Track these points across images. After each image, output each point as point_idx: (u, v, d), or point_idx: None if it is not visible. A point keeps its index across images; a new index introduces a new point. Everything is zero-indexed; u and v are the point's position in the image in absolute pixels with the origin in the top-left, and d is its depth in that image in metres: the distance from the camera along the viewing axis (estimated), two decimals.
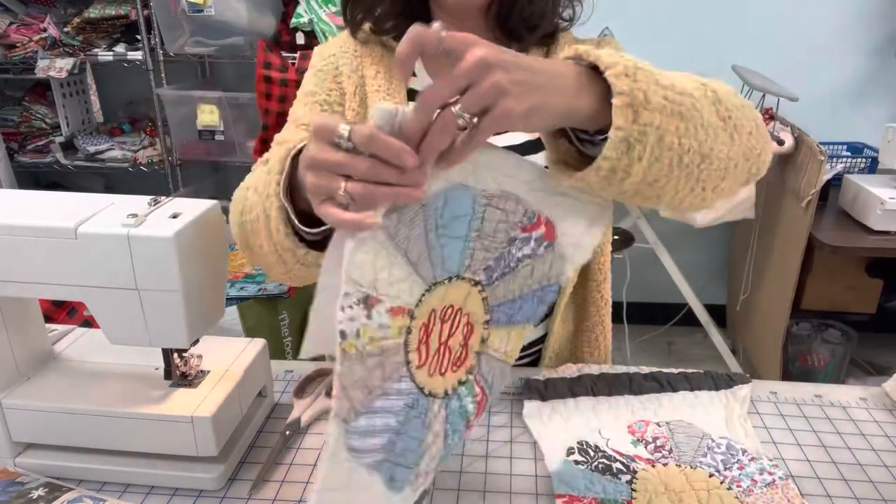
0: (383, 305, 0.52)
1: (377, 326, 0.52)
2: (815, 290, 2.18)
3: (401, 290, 0.53)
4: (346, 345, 0.51)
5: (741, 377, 0.82)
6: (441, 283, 0.55)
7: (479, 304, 0.59)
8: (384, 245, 0.51)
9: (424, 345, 0.56)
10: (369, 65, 0.84)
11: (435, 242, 0.54)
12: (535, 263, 0.59)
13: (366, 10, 0.83)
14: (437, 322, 0.56)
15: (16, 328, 0.70)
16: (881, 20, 2.29)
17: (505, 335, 0.62)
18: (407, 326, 0.54)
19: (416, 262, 0.53)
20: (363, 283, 0.51)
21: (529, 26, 0.83)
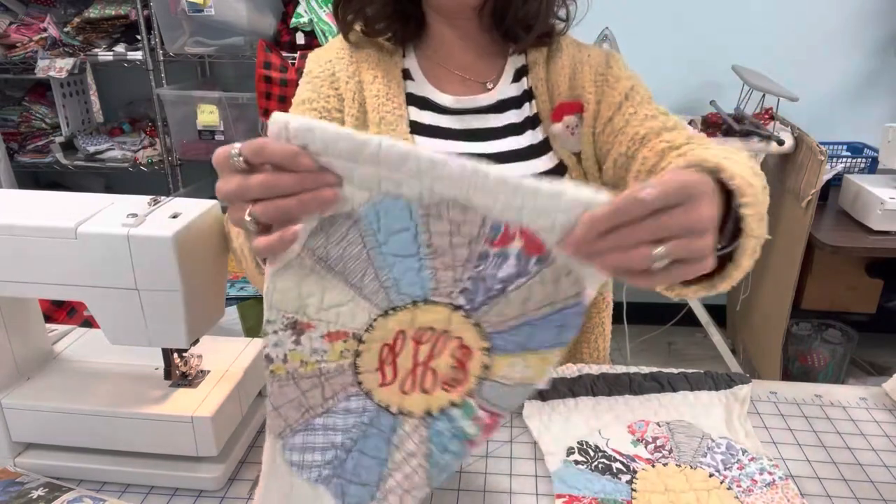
0: (316, 331, 0.51)
1: (309, 351, 0.52)
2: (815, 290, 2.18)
3: (339, 315, 0.51)
4: (274, 367, 0.52)
5: (741, 377, 0.82)
6: (403, 307, 0.52)
7: (470, 330, 0.54)
8: (312, 269, 0.49)
9: (391, 365, 0.54)
10: (366, 69, 0.84)
11: (380, 262, 0.50)
12: (531, 285, 0.51)
13: (356, 11, 0.82)
14: (408, 343, 0.54)
15: (16, 328, 0.70)
16: (881, 20, 2.29)
17: (518, 362, 0.55)
18: (354, 350, 0.53)
19: (360, 285, 0.51)
20: (288, 309, 0.50)
21: (525, 26, 0.82)
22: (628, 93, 0.81)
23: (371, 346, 0.53)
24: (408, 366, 0.55)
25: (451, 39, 0.85)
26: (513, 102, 0.84)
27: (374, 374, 0.54)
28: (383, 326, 0.52)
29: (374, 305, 0.52)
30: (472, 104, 0.84)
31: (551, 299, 0.51)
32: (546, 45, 0.85)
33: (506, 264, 0.50)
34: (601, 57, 0.84)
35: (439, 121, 0.84)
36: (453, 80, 0.85)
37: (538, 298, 0.52)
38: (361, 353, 0.53)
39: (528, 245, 0.49)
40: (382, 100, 0.82)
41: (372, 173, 0.47)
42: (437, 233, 0.49)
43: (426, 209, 0.48)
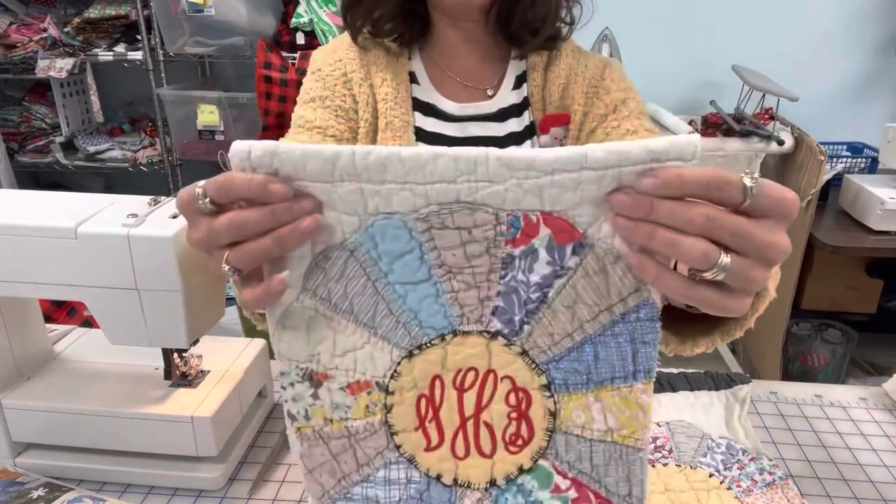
0: (335, 382, 0.45)
1: (331, 406, 0.45)
2: (815, 290, 2.18)
3: (357, 361, 0.44)
4: (299, 425, 0.46)
5: (741, 377, 0.82)
6: (430, 344, 0.44)
7: (518, 363, 0.44)
8: (317, 311, 0.43)
9: (433, 422, 0.46)
10: (375, 72, 0.83)
11: (390, 294, 0.43)
12: (575, 283, 0.42)
13: (365, 14, 0.82)
14: (450, 391, 0.45)
15: (16, 328, 0.70)
16: (881, 20, 2.29)
17: (593, 404, 0.45)
18: (382, 403, 0.45)
19: (373, 324, 0.44)
20: (299, 358, 0.44)
21: (531, 30, 0.81)
22: (617, 105, 0.80)
23: (403, 397, 0.45)
24: (455, 421, 0.46)
25: (455, 42, 0.84)
26: (514, 110, 0.84)
27: (416, 435, 0.46)
28: (410, 371, 0.45)
29: (394, 346, 0.44)
30: (475, 111, 0.84)
31: (607, 301, 0.42)
32: (550, 48, 0.84)
33: (537, 264, 0.42)
34: (598, 68, 0.83)
35: (442, 128, 0.83)
36: (455, 86, 0.85)
37: (591, 301, 0.42)
38: (392, 407, 0.45)
39: (557, 231, 0.41)
40: (391, 104, 0.81)
41: (353, 190, 0.40)
42: (446, 247, 0.42)
43: (427, 222, 0.41)
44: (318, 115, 0.80)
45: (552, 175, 0.39)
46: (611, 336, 0.43)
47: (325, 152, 0.39)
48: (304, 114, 0.81)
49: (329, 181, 0.40)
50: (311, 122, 0.79)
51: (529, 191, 0.39)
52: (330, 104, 0.81)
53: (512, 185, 0.39)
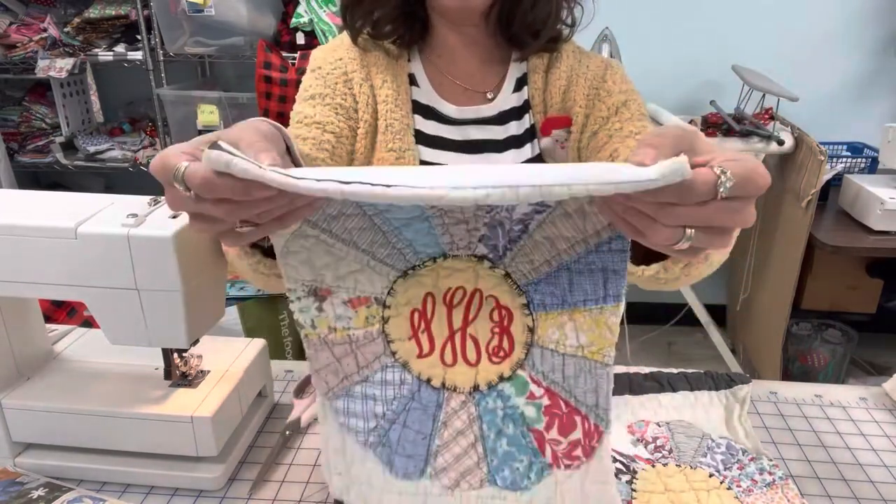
0: (337, 297, 0.50)
1: (334, 317, 0.50)
2: (815, 290, 2.18)
3: (357, 281, 0.50)
4: (306, 332, 0.51)
5: (741, 377, 0.82)
6: (423, 265, 0.50)
7: (502, 285, 0.49)
8: (319, 242, 0.48)
9: (425, 333, 0.51)
10: (376, 73, 0.82)
11: (388, 227, 0.48)
12: (554, 219, 0.46)
13: (365, 15, 0.81)
14: (440, 307, 0.50)
15: (16, 328, 0.70)
16: (881, 20, 2.29)
17: (566, 322, 0.49)
18: (380, 315, 0.51)
19: (371, 250, 0.49)
20: (306, 278, 0.49)
21: (532, 32, 0.81)
22: (619, 107, 0.80)
23: (399, 311, 0.50)
24: (444, 333, 0.51)
25: (455, 45, 0.84)
26: (514, 113, 0.84)
27: (410, 344, 0.51)
28: (405, 289, 0.50)
29: (390, 268, 0.49)
30: (475, 115, 0.83)
31: (583, 234, 0.46)
32: (550, 50, 0.84)
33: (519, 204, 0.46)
34: (599, 70, 0.83)
35: (442, 131, 0.83)
36: (455, 89, 0.84)
37: (567, 235, 0.46)
38: (389, 319, 0.51)
39: None
40: (391, 106, 0.81)
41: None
42: None
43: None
44: (318, 112, 0.80)
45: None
46: (584, 264, 0.47)
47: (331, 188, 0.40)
48: (304, 110, 0.80)
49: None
50: (310, 118, 0.79)
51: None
52: (330, 102, 0.81)
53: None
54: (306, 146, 0.75)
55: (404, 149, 0.79)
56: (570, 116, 0.81)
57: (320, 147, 0.76)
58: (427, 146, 0.82)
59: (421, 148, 0.81)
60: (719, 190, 0.38)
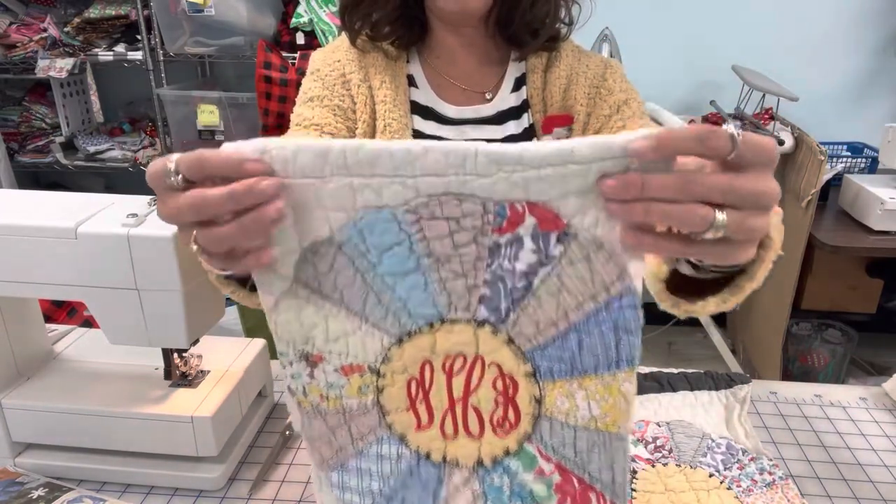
0: (329, 363, 0.46)
1: (326, 385, 0.47)
2: (815, 290, 2.18)
3: (349, 346, 0.46)
4: (298, 399, 0.48)
5: (741, 377, 0.82)
6: (419, 331, 0.45)
7: (504, 350, 0.45)
8: (308, 300, 0.44)
9: (423, 403, 0.47)
10: (374, 74, 0.83)
11: (379, 285, 0.44)
12: (560, 272, 0.43)
13: (364, 17, 0.82)
14: (439, 375, 0.47)
15: (16, 328, 0.70)
16: (881, 20, 2.29)
17: (577, 391, 0.46)
18: (374, 385, 0.47)
19: (363, 313, 0.45)
20: (296, 340, 0.46)
21: (531, 31, 0.81)
22: (620, 106, 0.80)
23: (394, 380, 0.47)
24: (444, 403, 0.47)
25: (453, 46, 0.84)
26: (512, 113, 0.84)
27: (407, 416, 0.47)
28: (401, 357, 0.46)
29: (384, 333, 0.45)
30: (473, 115, 0.84)
31: (591, 290, 0.43)
32: (549, 49, 0.84)
33: (522, 251, 0.42)
34: (599, 68, 0.83)
35: (441, 131, 0.83)
36: (454, 90, 0.85)
37: (574, 289, 0.43)
38: (384, 388, 0.47)
39: (542, 220, 0.41)
40: (389, 106, 0.81)
41: (343, 185, 0.40)
42: (435, 237, 0.42)
43: (416, 213, 0.41)
44: (317, 114, 0.80)
45: (539, 170, 0.39)
46: (594, 324, 0.44)
47: (316, 146, 0.39)
48: (303, 112, 0.81)
49: (319, 176, 0.40)
50: (309, 120, 0.79)
51: (516, 184, 0.40)
52: (328, 103, 0.81)
53: (500, 178, 0.40)
54: None
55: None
56: (571, 115, 0.82)
57: None
58: None
59: None
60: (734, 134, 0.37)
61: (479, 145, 0.40)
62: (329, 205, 0.41)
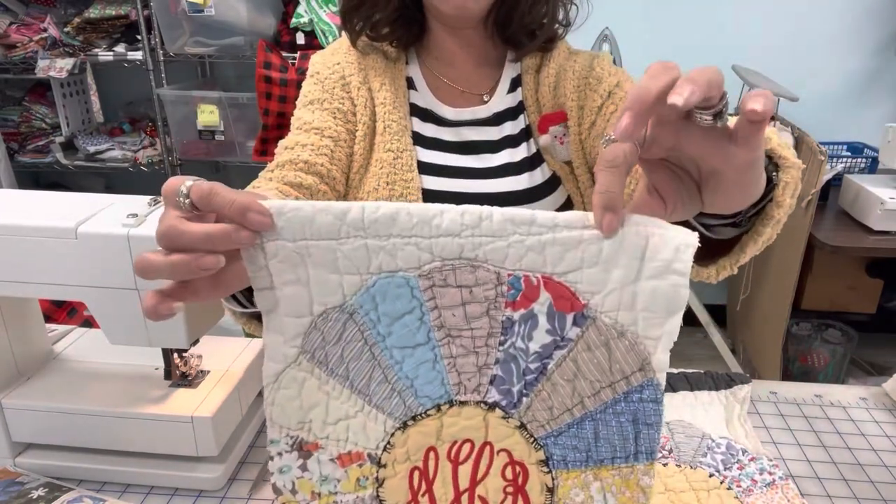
0: (325, 452, 0.43)
1: (319, 479, 0.43)
2: (815, 290, 2.18)
3: (350, 430, 0.43)
4: (285, 499, 0.44)
5: (741, 377, 0.82)
6: (426, 415, 0.43)
7: (515, 437, 0.43)
8: (312, 373, 0.42)
9: (427, 495, 0.45)
10: (374, 76, 0.83)
11: (387, 360, 0.42)
12: (576, 356, 0.41)
13: (364, 18, 0.82)
14: (444, 464, 0.44)
15: (16, 328, 0.70)
16: (881, 20, 2.29)
17: (592, 483, 0.43)
18: (374, 476, 0.44)
19: (367, 392, 0.43)
20: (291, 425, 0.43)
21: (529, 33, 0.82)
22: (611, 90, 0.79)
23: (396, 470, 0.44)
24: (449, 495, 0.44)
25: (452, 47, 0.84)
26: (509, 114, 0.84)
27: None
28: (404, 443, 0.43)
29: (388, 416, 0.43)
30: (471, 116, 0.84)
31: (609, 378, 0.41)
32: (545, 50, 0.84)
33: (536, 331, 0.41)
34: (587, 61, 0.83)
35: (440, 133, 0.83)
36: (452, 92, 0.85)
37: (591, 377, 0.41)
38: (384, 480, 0.44)
39: (557, 298, 0.40)
40: (389, 108, 0.81)
41: (358, 247, 0.40)
42: (447, 307, 0.41)
43: (430, 279, 0.41)
44: (317, 117, 0.80)
45: (553, 232, 0.39)
46: (612, 414, 0.42)
47: (335, 207, 0.39)
48: (303, 116, 0.81)
49: (335, 238, 0.40)
50: (309, 124, 0.80)
51: (531, 248, 0.39)
52: (328, 106, 0.81)
53: (514, 241, 0.39)
54: (305, 152, 0.76)
55: (402, 149, 0.80)
56: (564, 111, 0.82)
57: (319, 152, 0.77)
58: (425, 147, 0.82)
59: (418, 149, 0.82)
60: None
61: (495, 208, 0.40)
62: (343, 268, 0.40)
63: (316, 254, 0.40)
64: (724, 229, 0.55)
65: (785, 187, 0.50)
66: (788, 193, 0.51)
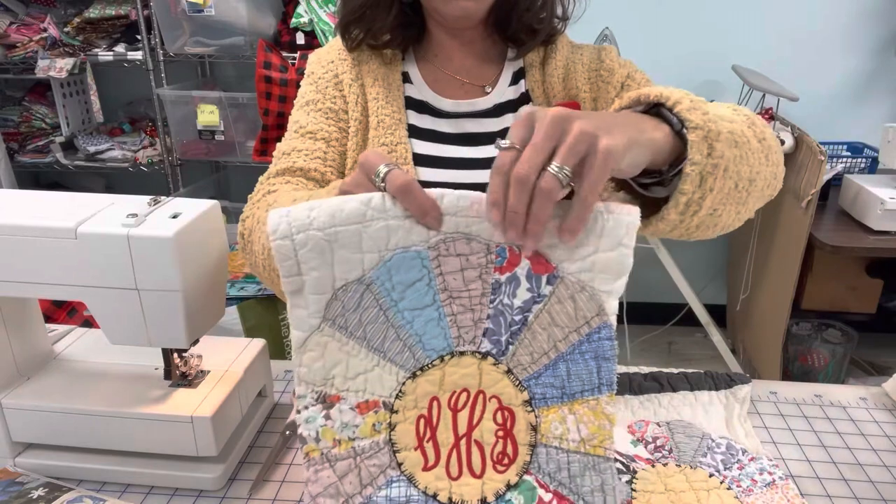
0: (346, 402, 0.49)
1: (340, 426, 0.49)
2: (815, 290, 2.18)
3: (367, 382, 0.50)
4: (308, 448, 0.49)
5: (741, 377, 0.82)
6: (431, 365, 0.50)
7: (504, 382, 0.51)
8: (333, 337, 0.49)
9: (430, 441, 0.50)
10: (367, 72, 0.84)
11: (399, 320, 0.50)
12: (550, 308, 0.50)
13: (365, 29, 0.83)
14: (445, 412, 0.50)
15: (16, 328, 0.70)
16: (881, 20, 2.29)
17: (567, 416, 0.51)
18: (387, 422, 0.50)
19: (383, 349, 0.50)
20: (316, 381, 0.49)
21: (529, 29, 0.82)
22: (624, 82, 0.82)
23: (406, 416, 0.50)
24: (450, 440, 0.50)
25: (451, 47, 0.85)
26: (510, 106, 0.84)
27: (416, 455, 0.50)
28: (413, 391, 0.50)
29: (400, 367, 0.50)
30: (470, 108, 0.84)
31: (575, 324, 0.50)
32: (547, 44, 0.85)
33: (519, 289, 0.50)
34: (593, 53, 0.84)
35: (437, 125, 0.84)
36: (452, 84, 0.85)
37: (562, 324, 0.50)
38: (396, 425, 0.50)
39: (534, 264, 0.49)
40: (381, 103, 0.82)
41: (381, 227, 0.48)
42: (449, 273, 0.49)
43: (436, 249, 0.49)
44: (311, 120, 0.82)
45: None
46: (579, 354, 0.51)
47: (360, 196, 0.48)
48: (299, 118, 0.83)
49: (361, 222, 0.48)
50: (304, 128, 0.82)
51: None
52: (321, 107, 0.83)
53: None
54: (300, 159, 0.78)
55: (396, 142, 0.81)
56: (578, 102, 0.83)
57: (312, 156, 0.79)
58: (421, 139, 0.83)
59: (414, 141, 0.82)
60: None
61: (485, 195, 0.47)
62: (366, 247, 0.48)
63: (343, 237, 0.47)
64: (655, 188, 0.59)
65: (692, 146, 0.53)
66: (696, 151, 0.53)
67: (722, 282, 2.66)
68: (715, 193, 0.54)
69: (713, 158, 0.53)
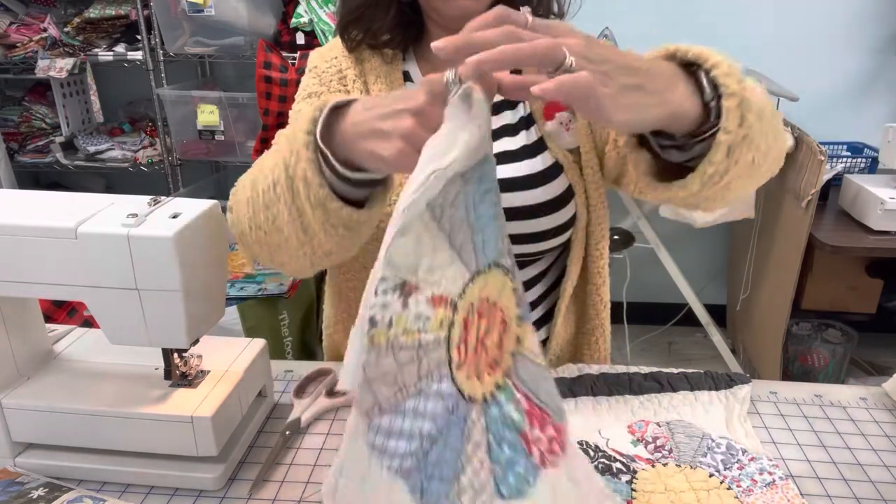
0: (422, 294, 0.49)
1: (414, 317, 0.49)
2: (815, 290, 2.18)
3: (444, 277, 0.50)
4: (376, 333, 0.48)
5: (741, 377, 0.82)
6: (482, 272, 0.53)
7: (511, 297, 0.55)
8: (428, 227, 0.48)
9: (464, 343, 0.52)
10: (370, 70, 0.84)
11: (476, 225, 0.52)
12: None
13: (364, 30, 0.83)
14: (474, 317, 0.52)
15: (16, 328, 0.70)
16: (881, 20, 2.29)
17: (530, 333, 0.57)
18: (450, 320, 0.50)
19: (460, 248, 0.51)
20: (402, 267, 0.48)
21: None
22: None
23: (460, 317, 0.52)
24: (473, 344, 0.53)
25: None
26: (507, 104, 0.85)
27: (456, 355, 0.52)
28: (471, 293, 0.52)
29: (466, 268, 0.52)
30: None
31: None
32: None
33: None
34: None
35: None
36: None
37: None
38: (454, 324, 0.51)
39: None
40: None
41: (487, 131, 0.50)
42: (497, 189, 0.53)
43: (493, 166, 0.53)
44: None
45: None
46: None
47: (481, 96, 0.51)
48: (302, 109, 0.83)
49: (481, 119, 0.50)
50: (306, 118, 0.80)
51: None
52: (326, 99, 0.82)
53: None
54: None
55: None
56: None
57: None
58: None
59: None
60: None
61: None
62: (481, 143, 0.50)
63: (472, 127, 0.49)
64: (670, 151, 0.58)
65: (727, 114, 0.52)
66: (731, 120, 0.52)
67: (722, 282, 2.66)
68: (739, 166, 0.53)
69: (743, 129, 0.52)
